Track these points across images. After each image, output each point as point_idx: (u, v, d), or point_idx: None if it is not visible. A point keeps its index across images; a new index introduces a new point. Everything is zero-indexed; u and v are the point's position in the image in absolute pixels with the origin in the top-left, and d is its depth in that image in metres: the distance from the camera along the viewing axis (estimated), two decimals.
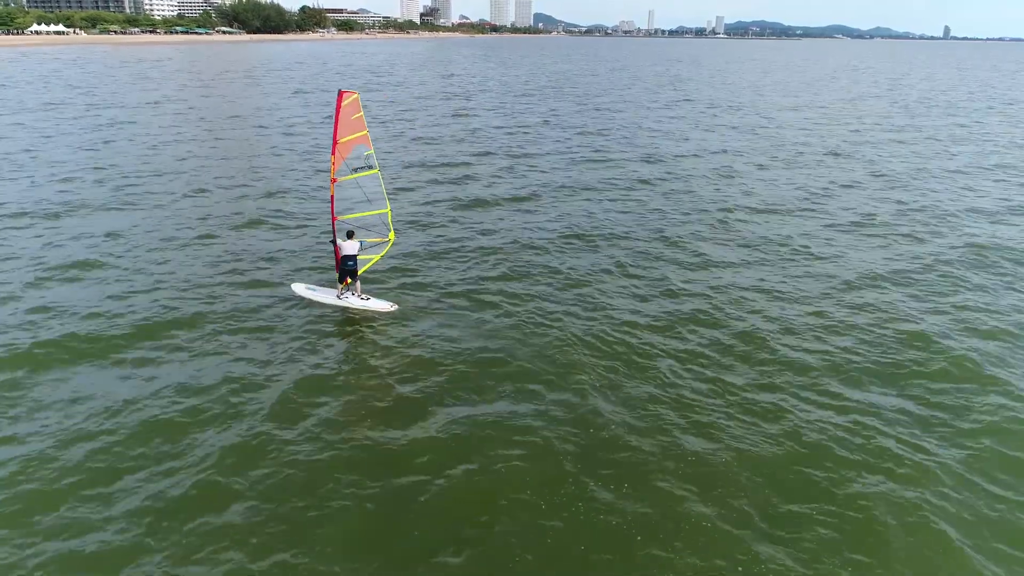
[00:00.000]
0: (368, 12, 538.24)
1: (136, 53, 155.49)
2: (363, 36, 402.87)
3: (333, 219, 17.23)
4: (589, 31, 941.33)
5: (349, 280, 17.39)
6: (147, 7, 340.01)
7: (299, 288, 18.59)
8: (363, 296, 17.87)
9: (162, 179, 31.42)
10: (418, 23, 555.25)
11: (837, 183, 32.53)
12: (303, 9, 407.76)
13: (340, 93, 16.60)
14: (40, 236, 22.93)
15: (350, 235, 16.94)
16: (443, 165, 35.63)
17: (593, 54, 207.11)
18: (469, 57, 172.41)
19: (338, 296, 17.83)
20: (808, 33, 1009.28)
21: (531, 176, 33.59)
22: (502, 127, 50.22)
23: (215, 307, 17.63)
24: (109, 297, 18.14)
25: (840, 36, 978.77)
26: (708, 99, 72.74)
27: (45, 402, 13.22)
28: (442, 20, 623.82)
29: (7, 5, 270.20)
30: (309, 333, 16.31)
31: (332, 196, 17.02)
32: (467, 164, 36.09)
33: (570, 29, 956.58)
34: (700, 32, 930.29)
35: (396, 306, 17.74)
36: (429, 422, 12.87)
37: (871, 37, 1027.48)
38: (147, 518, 10.27)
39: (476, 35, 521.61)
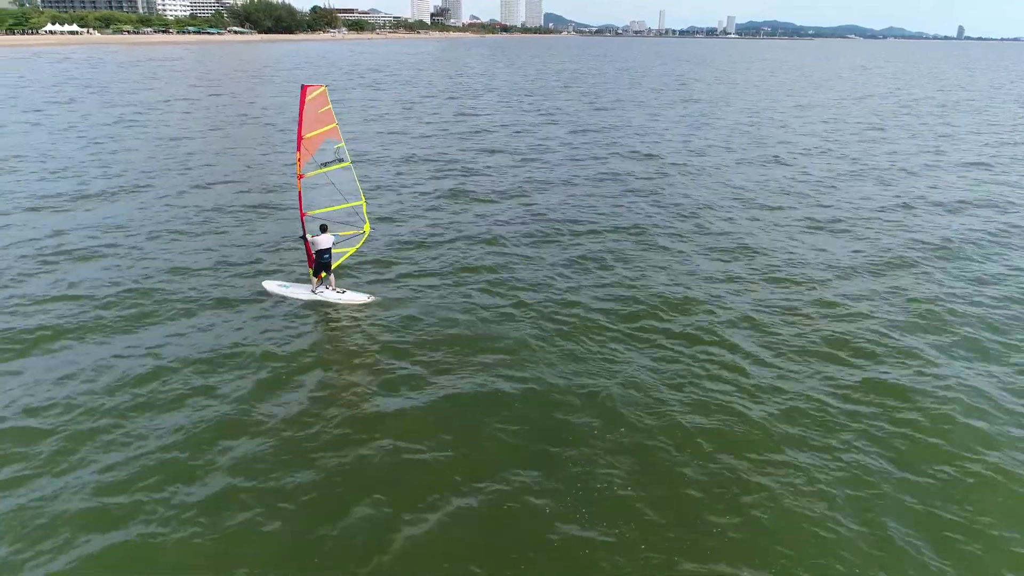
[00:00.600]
0: (379, 12, 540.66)
1: (148, 53, 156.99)
2: (373, 36, 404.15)
3: (302, 215, 17.23)
4: (599, 31, 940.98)
5: (324, 274, 17.47)
6: (160, 7, 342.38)
7: (271, 285, 18.44)
8: (338, 290, 17.86)
9: (161, 174, 32.07)
10: (428, 23, 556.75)
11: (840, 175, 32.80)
12: (314, 9, 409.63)
13: (304, 88, 16.59)
14: (44, 226, 23.57)
15: (324, 229, 16.97)
16: (440, 161, 36.09)
17: (601, 54, 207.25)
18: (478, 57, 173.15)
19: (313, 291, 17.78)
20: (820, 33, 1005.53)
21: (524, 172, 34.00)
22: (508, 125, 50.63)
23: (188, 302, 17.72)
24: (80, 286, 18.56)
25: (853, 36, 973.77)
26: (712, 98, 72.87)
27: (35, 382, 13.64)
28: (452, 20, 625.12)
29: (22, 5, 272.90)
30: (286, 327, 16.38)
31: (300, 192, 17.10)
32: (461, 160, 36.51)
33: (580, 29, 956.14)
34: (711, 32, 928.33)
35: (373, 297, 17.86)
36: (410, 407, 13.22)
37: (884, 37, 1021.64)
38: (115, 496, 10.62)
39: (486, 35, 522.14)
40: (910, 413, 13.14)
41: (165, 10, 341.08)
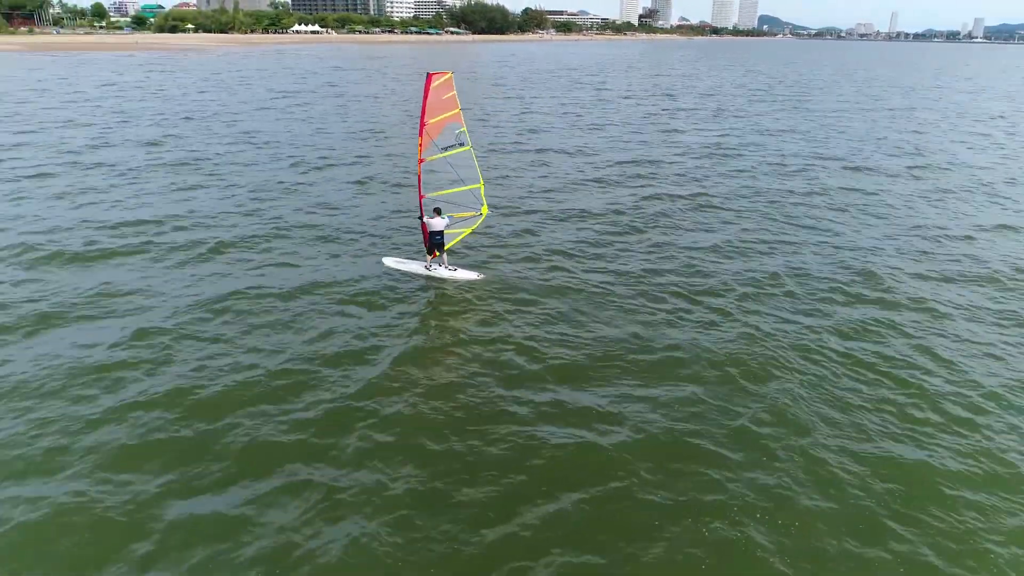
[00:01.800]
0: (587, 13, 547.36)
1: (375, 51, 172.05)
2: (580, 37, 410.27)
3: (420, 197, 18.13)
4: (819, 34, 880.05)
5: (437, 252, 18.51)
6: (388, 9, 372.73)
7: (390, 261, 19.85)
8: (450, 267, 18.87)
9: (336, 160, 36.22)
10: (636, 25, 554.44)
11: None
12: (526, 11, 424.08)
13: (429, 76, 17.19)
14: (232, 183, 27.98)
15: (437, 212, 17.88)
16: (628, 163, 36.82)
17: (814, 59, 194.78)
18: (681, 59, 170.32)
19: (427, 268, 18.91)
20: None
21: (695, 180, 33.67)
22: (702, 128, 50.21)
23: (314, 276, 19.08)
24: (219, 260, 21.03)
25: None
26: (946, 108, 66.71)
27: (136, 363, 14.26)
28: (660, 22, 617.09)
29: (277, 8, 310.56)
30: (399, 302, 17.44)
31: (419, 175, 17.95)
32: (651, 159, 36.99)
33: (798, 32, 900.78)
34: (952, 36, 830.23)
35: (482, 276, 18.75)
36: (512, 391, 13.40)
37: None
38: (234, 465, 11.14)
39: (694, 37, 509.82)
40: None
41: (392, 12, 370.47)
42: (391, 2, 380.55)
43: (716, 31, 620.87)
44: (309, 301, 17.41)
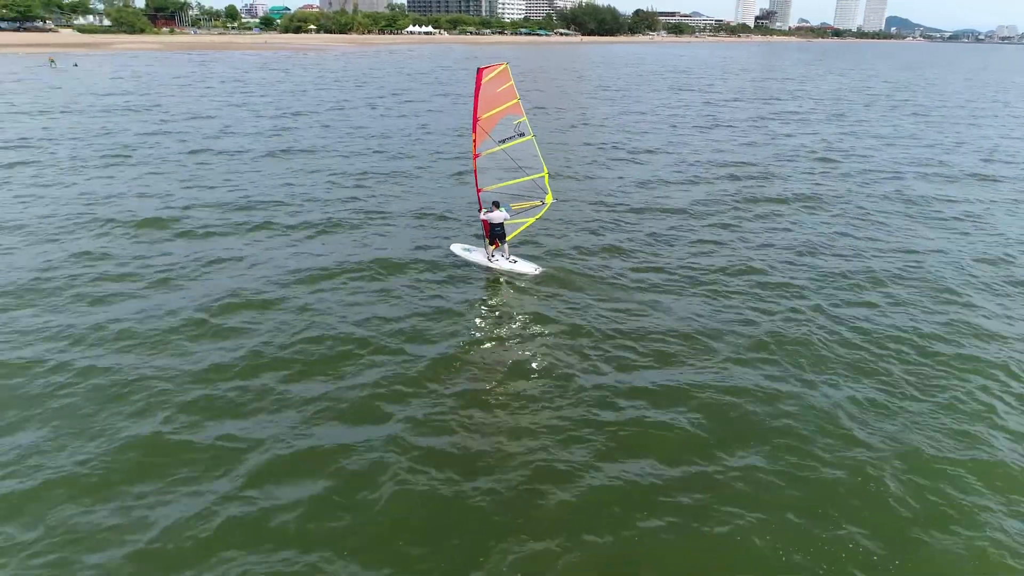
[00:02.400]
0: (700, 15, 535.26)
1: (482, 51, 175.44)
2: (691, 39, 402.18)
3: (478, 191, 18.62)
4: (954, 36, 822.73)
5: (499, 243, 18.86)
6: (499, 11, 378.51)
7: (457, 248, 20.41)
8: (511, 258, 19.18)
9: (420, 153, 37.71)
10: (751, 26, 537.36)
11: None
12: (637, 12, 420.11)
13: (479, 71, 17.36)
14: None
15: (496, 204, 18.22)
16: (725, 164, 36.65)
17: (947, 62, 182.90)
18: (796, 62, 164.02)
19: (489, 257, 19.20)
20: None
21: (771, 183, 33.20)
22: (810, 132, 49.03)
23: (395, 255, 20.50)
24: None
25: None
26: None
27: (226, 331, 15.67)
28: (778, 24, 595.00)
29: (393, 10, 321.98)
30: (459, 291, 18.07)
31: (475, 170, 18.48)
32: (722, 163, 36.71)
33: (930, 34, 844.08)
34: None
35: (540, 269, 18.96)
36: (560, 386, 13.60)
37: None
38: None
39: (813, 40, 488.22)
40: None
41: (503, 13, 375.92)
42: (503, 3, 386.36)
43: (838, 33, 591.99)
44: (383, 280, 18.76)
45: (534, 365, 14.57)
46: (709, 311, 17.26)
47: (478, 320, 16.72)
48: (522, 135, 18.06)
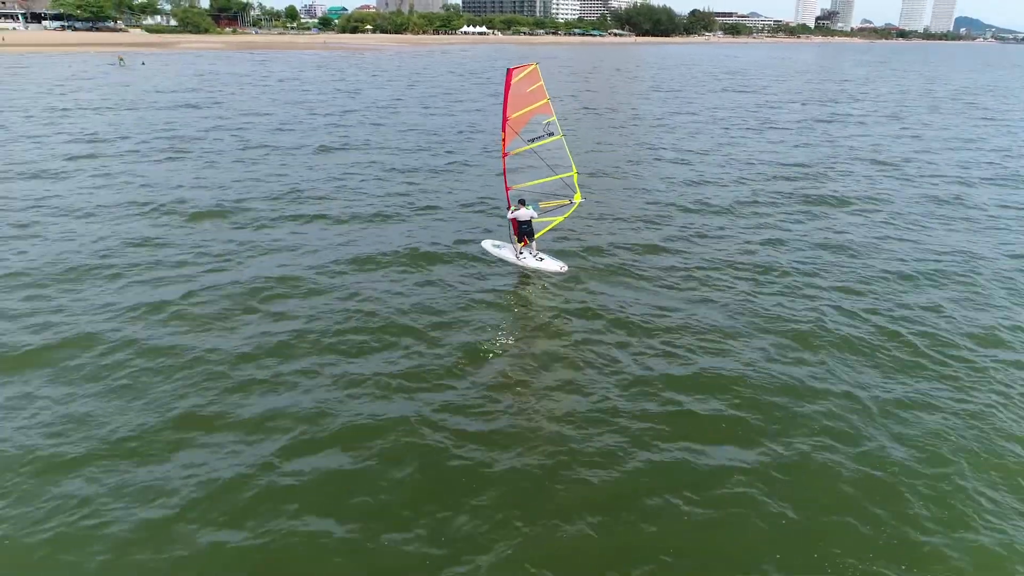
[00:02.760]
0: (759, 16, 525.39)
1: (534, 51, 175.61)
2: (748, 40, 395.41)
3: (507, 189, 18.91)
4: None
5: (527, 240, 19.05)
6: (554, 11, 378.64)
7: (487, 244, 20.79)
8: (538, 256, 19.38)
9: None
10: (811, 27, 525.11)
11: None
12: (693, 12, 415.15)
13: (509, 71, 17.54)
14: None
15: (522, 203, 18.41)
16: (775, 164, 36.24)
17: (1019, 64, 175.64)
18: (857, 64, 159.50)
19: (518, 254, 19.42)
20: None
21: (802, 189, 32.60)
22: (867, 135, 47.91)
23: (427, 248, 21.13)
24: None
25: None
26: None
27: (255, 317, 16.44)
28: (840, 24, 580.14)
29: (447, 10, 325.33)
30: (488, 284, 18.42)
31: (504, 169, 18.75)
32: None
33: (1002, 35, 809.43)
34: None
35: (567, 267, 19.06)
36: (580, 381, 13.73)
37: None
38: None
39: (877, 41, 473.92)
40: None
41: (557, 13, 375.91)
42: (557, 4, 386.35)
43: (903, 34, 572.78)
44: (420, 272, 19.36)
45: (559, 355, 14.81)
46: (745, 307, 17.25)
47: (505, 313, 17.06)
48: (551, 134, 18.26)
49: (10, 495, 10.23)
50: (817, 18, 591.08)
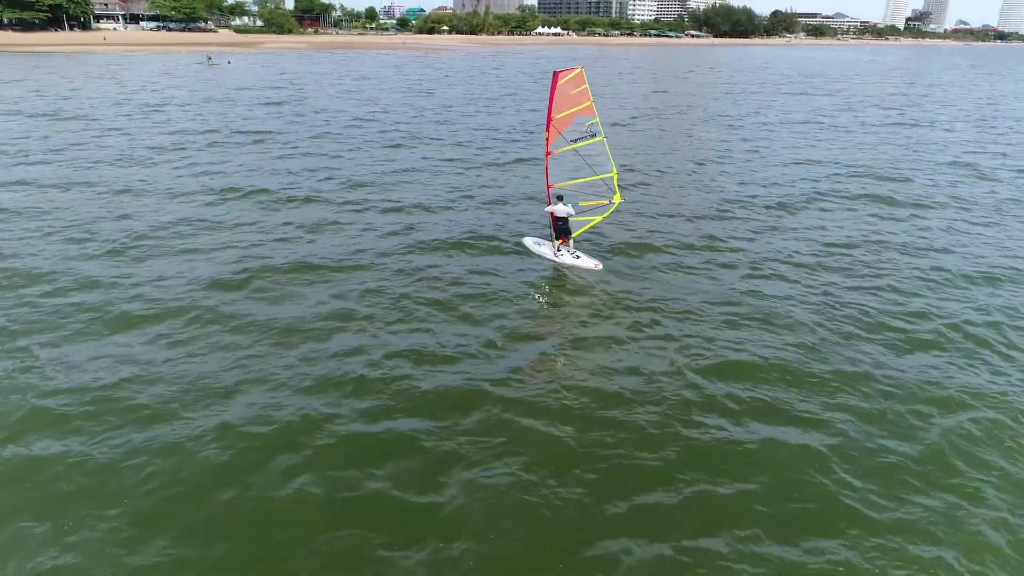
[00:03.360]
0: (844, 16, 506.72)
1: (606, 52, 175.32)
2: (832, 42, 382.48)
3: (548, 188, 19.51)
4: None
5: (565, 238, 19.51)
6: (630, 12, 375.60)
7: (528, 241, 21.27)
8: (575, 254, 19.75)
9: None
10: (901, 28, 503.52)
11: None
12: (775, 13, 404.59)
13: (555, 74, 18.15)
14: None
15: (559, 199, 18.84)
16: (845, 172, 35.58)
17: None
18: (949, 67, 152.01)
19: (555, 252, 19.89)
20: None
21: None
22: (955, 142, 46.29)
23: (465, 240, 22.02)
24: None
25: None
26: None
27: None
28: (932, 26, 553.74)
29: (523, 11, 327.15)
30: (522, 282, 18.85)
31: (547, 167, 19.33)
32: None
33: None
34: None
35: (601, 266, 19.40)
36: (609, 381, 13.83)
37: None
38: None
39: (972, 43, 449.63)
40: None
41: (634, 14, 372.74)
42: (633, 5, 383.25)
43: (1002, 36, 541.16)
44: (449, 263, 20.25)
45: (595, 357, 14.99)
46: (802, 310, 17.27)
47: (539, 308, 17.55)
48: (594, 135, 18.73)
49: (116, 438, 11.56)
50: (907, 19, 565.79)
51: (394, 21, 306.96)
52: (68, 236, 21.73)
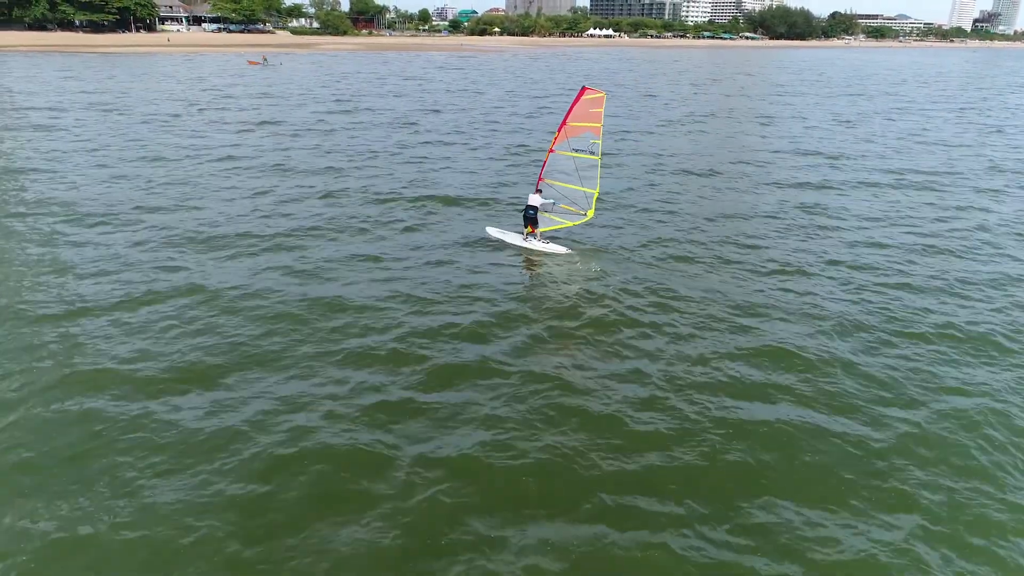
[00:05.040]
0: (907, 17, 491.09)
1: (658, 55, 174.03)
2: (893, 44, 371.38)
3: (540, 178, 20.80)
4: None
5: (532, 228, 20.88)
6: (683, 13, 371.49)
7: (493, 231, 22.41)
8: (544, 241, 21.16)
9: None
10: (967, 30, 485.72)
11: None
12: (833, 15, 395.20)
13: (583, 88, 19.68)
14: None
15: (539, 192, 20.56)
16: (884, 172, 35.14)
17: None
18: (1012, 71, 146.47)
19: (524, 239, 21.30)
20: None
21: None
22: (991, 144, 45.06)
23: (422, 240, 22.37)
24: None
25: None
26: None
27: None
28: (1001, 27, 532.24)
29: (575, 12, 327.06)
30: (496, 266, 20.06)
31: (545, 160, 20.73)
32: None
33: None
34: None
35: (570, 251, 20.80)
36: (587, 352, 14.85)
37: None
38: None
39: None
40: None
41: (687, 16, 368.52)
42: (687, 6, 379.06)
43: None
44: (441, 255, 20.94)
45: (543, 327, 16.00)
46: (815, 304, 17.47)
47: (507, 294, 18.02)
48: (592, 153, 20.06)
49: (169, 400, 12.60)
50: (975, 20, 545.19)
51: (446, 23, 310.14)
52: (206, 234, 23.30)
